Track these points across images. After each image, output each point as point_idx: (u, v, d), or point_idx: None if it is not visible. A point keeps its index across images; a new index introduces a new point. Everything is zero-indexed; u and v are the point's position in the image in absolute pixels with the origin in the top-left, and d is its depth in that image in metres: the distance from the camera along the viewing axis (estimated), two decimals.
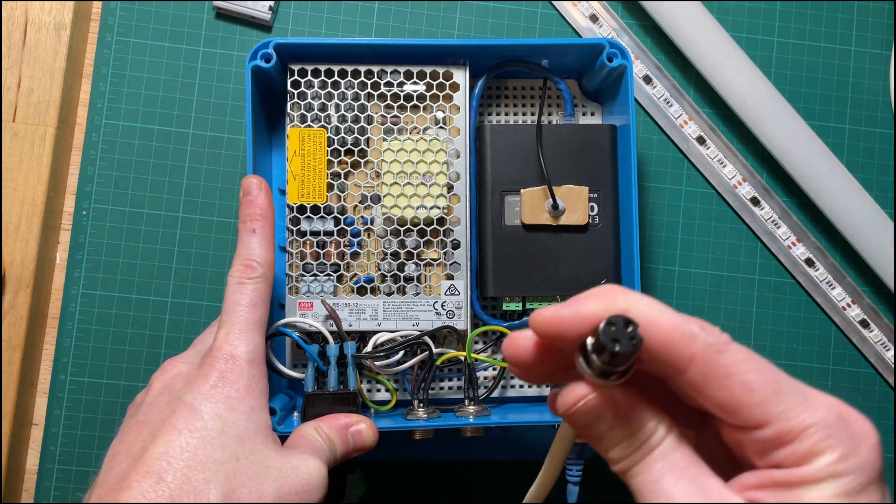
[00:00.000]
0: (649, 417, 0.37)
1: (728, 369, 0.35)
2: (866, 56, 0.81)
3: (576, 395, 0.37)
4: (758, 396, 0.35)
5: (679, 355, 0.36)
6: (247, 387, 0.55)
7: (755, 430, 0.36)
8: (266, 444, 0.54)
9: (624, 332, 0.34)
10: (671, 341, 0.35)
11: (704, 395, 0.36)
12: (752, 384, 0.35)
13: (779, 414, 0.35)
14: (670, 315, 0.36)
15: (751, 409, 0.35)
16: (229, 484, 0.51)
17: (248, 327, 0.57)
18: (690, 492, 0.35)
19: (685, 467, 0.36)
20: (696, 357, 0.35)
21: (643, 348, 0.35)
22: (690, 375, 0.36)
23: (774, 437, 0.35)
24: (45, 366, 0.75)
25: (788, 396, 0.35)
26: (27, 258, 0.72)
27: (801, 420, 0.35)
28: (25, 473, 0.74)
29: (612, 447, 0.38)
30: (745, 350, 0.36)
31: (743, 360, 0.36)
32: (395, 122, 0.68)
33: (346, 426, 0.61)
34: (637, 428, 0.37)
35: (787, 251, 0.79)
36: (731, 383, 0.35)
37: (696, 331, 0.36)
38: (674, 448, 0.37)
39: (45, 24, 0.73)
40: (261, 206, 0.62)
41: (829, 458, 0.34)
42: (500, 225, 0.68)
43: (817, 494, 0.34)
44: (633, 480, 0.37)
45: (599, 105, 0.73)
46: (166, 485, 0.49)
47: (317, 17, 0.77)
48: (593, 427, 0.38)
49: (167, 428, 0.52)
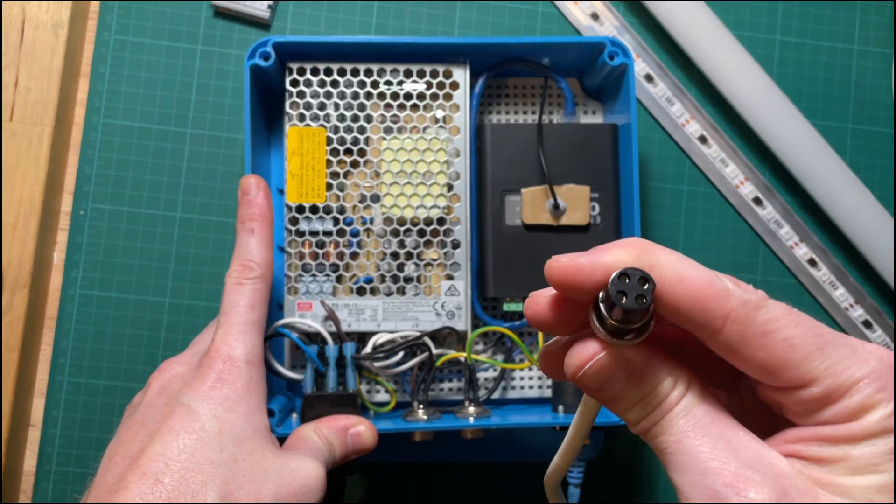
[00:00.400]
0: (665, 375, 0.35)
1: (767, 326, 0.33)
2: (869, 55, 0.81)
3: (583, 355, 0.35)
4: (801, 353, 0.33)
5: (713, 314, 0.33)
6: (245, 388, 0.55)
7: (800, 389, 0.33)
8: (264, 446, 0.54)
9: (635, 286, 0.32)
10: (703, 299, 0.33)
11: (742, 357, 0.34)
12: (794, 340, 0.33)
13: (826, 370, 0.32)
14: (703, 271, 0.34)
15: (794, 367, 0.33)
16: (227, 486, 0.50)
17: (247, 328, 0.57)
18: (718, 448, 0.33)
19: (710, 423, 0.34)
20: (733, 315, 0.33)
21: (670, 305, 0.33)
22: (726, 336, 0.33)
23: (822, 395, 0.33)
24: (43, 367, 0.75)
25: (835, 350, 0.33)
26: (24, 258, 0.71)
27: (851, 374, 0.32)
28: (23, 475, 0.74)
29: (629, 409, 0.35)
30: (784, 305, 0.34)
31: (782, 315, 0.33)
32: (395, 121, 0.67)
33: (345, 428, 0.60)
34: (653, 387, 0.35)
35: (789, 251, 0.79)
36: (771, 342, 0.33)
37: (730, 287, 0.33)
38: (695, 404, 0.34)
39: (42, 23, 0.73)
40: (259, 206, 0.61)
41: (882, 412, 0.32)
42: (500, 225, 0.67)
43: (869, 451, 0.32)
44: (655, 441, 0.35)
45: (600, 104, 0.73)
46: (163, 486, 0.49)
47: (316, 15, 0.77)
48: (606, 389, 0.35)
49: (164, 429, 0.52)
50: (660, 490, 0.77)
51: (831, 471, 0.32)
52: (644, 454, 0.77)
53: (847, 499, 0.32)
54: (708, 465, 0.32)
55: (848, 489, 0.32)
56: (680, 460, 0.33)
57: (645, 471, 0.77)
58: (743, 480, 0.32)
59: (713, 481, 0.32)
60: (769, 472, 0.32)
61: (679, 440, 0.34)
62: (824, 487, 0.32)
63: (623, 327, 0.33)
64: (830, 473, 0.32)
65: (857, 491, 0.32)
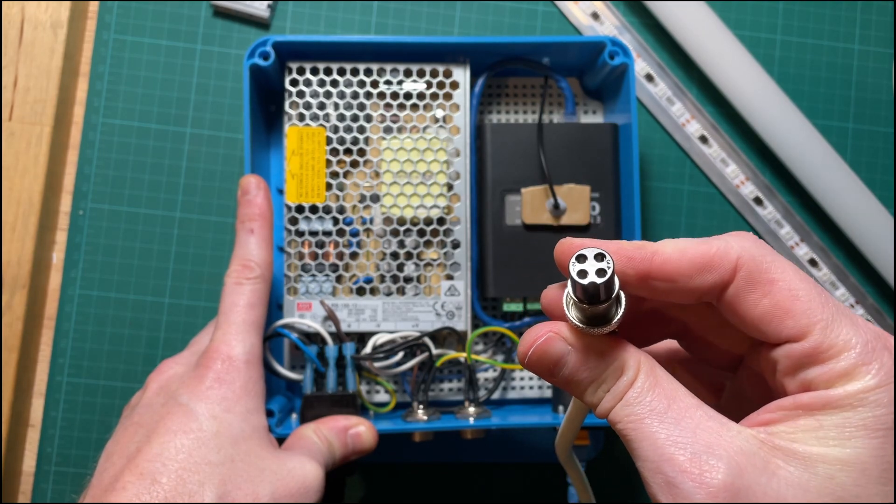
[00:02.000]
0: (616, 358, 0.35)
1: (774, 275, 0.34)
2: (870, 55, 0.81)
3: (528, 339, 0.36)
4: (804, 304, 0.33)
5: (722, 267, 0.34)
6: (243, 388, 0.55)
7: (794, 342, 0.34)
8: (262, 446, 0.54)
9: (593, 263, 0.33)
10: (708, 258, 0.34)
11: (747, 305, 0.34)
12: (799, 291, 0.34)
13: (822, 325, 0.33)
14: (701, 240, 0.35)
15: (796, 317, 0.33)
16: (224, 486, 0.50)
17: (246, 328, 0.57)
18: (675, 432, 0.33)
19: (667, 408, 0.34)
20: (740, 262, 0.34)
21: (681, 276, 0.35)
22: (736, 286, 0.34)
23: (812, 349, 0.33)
24: (42, 367, 0.74)
25: (836, 312, 0.33)
26: (23, 258, 0.71)
27: (845, 338, 0.33)
28: (22, 475, 0.74)
29: (584, 392, 0.36)
30: (791, 262, 0.35)
31: (789, 268, 0.34)
32: (395, 121, 0.67)
33: (345, 429, 0.60)
34: (602, 371, 0.35)
35: (790, 251, 0.78)
36: (776, 289, 0.34)
37: (730, 240, 0.35)
38: (650, 388, 0.34)
39: (41, 22, 0.73)
40: (259, 206, 0.61)
41: (865, 383, 0.32)
42: (500, 225, 0.67)
43: (842, 421, 0.32)
44: (616, 429, 0.35)
45: (601, 103, 0.73)
46: (160, 486, 0.49)
47: (315, 14, 0.77)
48: (555, 373, 0.36)
49: (162, 429, 0.52)
50: None
51: (800, 439, 0.32)
52: None
53: (809, 471, 0.31)
54: (664, 451, 0.32)
55: (812, 459, 0.32)
56: (639, 447, 0.33)
57: None
58: (698, 465, 0.32)
59: (668, 469, 0.32)
60: (726, 452, 0.32)
61: (636, 426, 0.34)
62: (787, 458, 0.32)
63: (591, 310, 0.34)
64: (798, 442, 0.32)
65: (820, 462, 0.32)
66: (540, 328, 0.36)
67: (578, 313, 0.35)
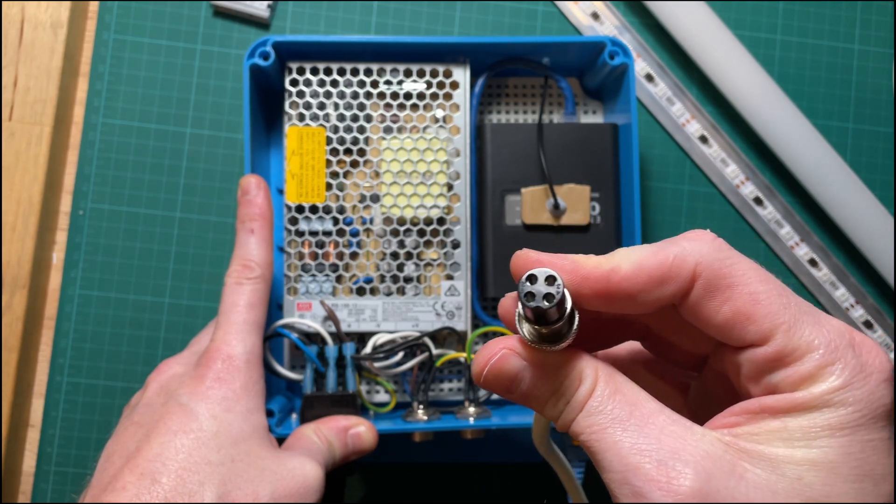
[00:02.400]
0: (572, 370, 0.34)
1: (733, 280, 0.33)
2: (870, 55, 0.81)
3: (483, 357, 0.35)
4: (764, 308, 0.33)
5: (681, 276, 0.34)
6: (243, 388, 0.55)
7: (757, 346, 0.33)
8: (262, 446, 0.54)
9: (542, 286, 0.32)
10: (665, 268, 0.34)
11: (709, 313, 0.34)
12: (760, 295, 0.33)
13: (785, 328, 0.33)
14: (657, 248, 0.34)
15: (757, 321, 0.33)
16: (224, 486, 0.50)
17: (246, 328, 0.57)
18: (639, 440, 0.32)
19: (629, 415, 0.33)
20: (699, 269, 0.34)
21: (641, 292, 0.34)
22: (695, 293, 0.34)
23: (776, 354, 0.33)
24: (42, 367, 0.74)
25: (798, 313, 0.33)
26: (23, 258, 0.71)
27: (807, 338, 0.32)
28: (22, 475, 0.74)
29: (543, 406, 0.35)
30: (753, 262, 0.34)
31: (750, 270, 0.34)
32: (395, 121, 0.67)
33: (345, 429, 0.60)
34: (559, 383, 0.34)
35: (790, 252, 0.78)
36: (736, 294, 0.33)
37: (685, 245, 0.34)
38: (609, 396, 0.34)
39: (41, 22, 0.73)
40: (259, 206, 0.61)
41: (829, 384, 0.32)
42: (500, 225, 0.67)
43: (807, 422, 0.32)
44: (579, 441, 0.34)
45: (601, 103, 0.73)
46: (160, 486, 0.49)
47: (315, 14, 0.77)
48: (513, 390, 0.35)
49: (162, 429, 0.52)
50: None
51: (766, 441, 0.32)
52: None
53: (776, 472, 0.31)
54: (629, 461, 0.32)
55: (778, 461, 0.31)
56: (604, 458, 0.33)
57: None
58: (665, 473, 0.31)
59: (635, 479, 0.31)
60: (692, 457, 0.31)
61: (599, 437, 0.33)
62: (754, 461, 0.32)
63: (543, 330, 0.34)
64: (764, 444, 0.32)
65: (788, 463, 0.31)
66: (494, 345, 0.35)
67: (531, 329, 0.34)
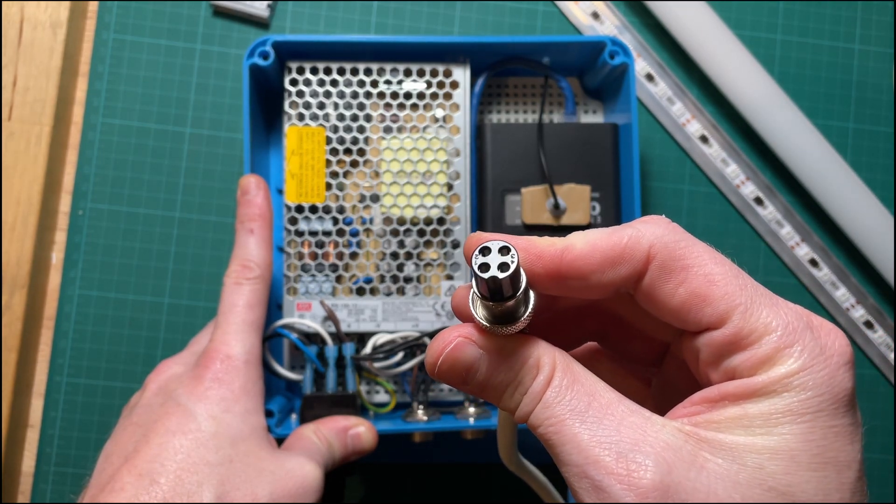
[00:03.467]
0: (530, 356, 0.34)
1: (688, 261, 0.33)
2: (870, 55, 0.81)
3: (436, 348, 0.34)
4: (721, 289, 0.32)
5: (634, 257, 0.33)
6: (242, 388, 0.55)
7: (714, 329, 0.33)
8: (260, 446, 0.54)
9: (496, 256, 0.31)
10: (619, 250, 0.33)
11: (664, 294, 0.33)
12: (715, 276, 0.33)
13: (741, 309, 0.32)
14: (614, 229, 0.34)
15: (713, 303, 0.32)
16: (223, 486, 0.51)
17: (245, 328, 0.57)
18: (598, 432, 0.31)
19: (587, 406, 0.32)
20: (652, 251, 0.33)
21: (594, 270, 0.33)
22: (650, 276, 0.33)
23: (732, 336, 0.32)
24: (41, 367, 0.74)
25: (755, 295, 0.33)
26: (23, 258, 0.71)
27: (766, 321, 0.32)
28: (21, 475, 0.74)
29: (500, 396, 0.34)
30: (708, 245, 0.34)
31: (703, 251, 0.33)
32: (395, 121, 0.67)
33: (344, 429, 0.60)
34: (518, 371, 0.34)
35: (790, 251, 0.78)
36: (691, 276, 0.33)
37: (640, 228, 0.34)
38: (568, 387, 0.33)
39: (41, 22, 0.73)
40: (259, 206, 0.61)
41: (787, 367, 0.31)
42: (500, 225, 0.67)
43: (767, 407, 0.31)
44: (537, 433, 0.33)
45: (601, 103, 0.73)
46: (159, 487, 0.49)
47: (315, 14, 0.77)
48: (469, 381, 0.34)
49: (160, 429, 0.52)
50: None
51: (726, 429, 0.31)
52: None
53: (737, 462, 0.30)
54: (589, 454, 0.31)
55: (739, 449, 0.31)
56: (562, 451, 0.32)
57: None
58: (625, 465, 0.30)
59: (594, 472, 0.31)
60: (653, 449, 0.31)
61: (557, 430, 0.32)
62: (715, 450, 0.31)
63: (497, 309, 0.33)
64: (724, 432, 0.31)
65: (748, 452, 0.31)
66: (447, 334, 0.34)
67: (485, 312, 0.33)
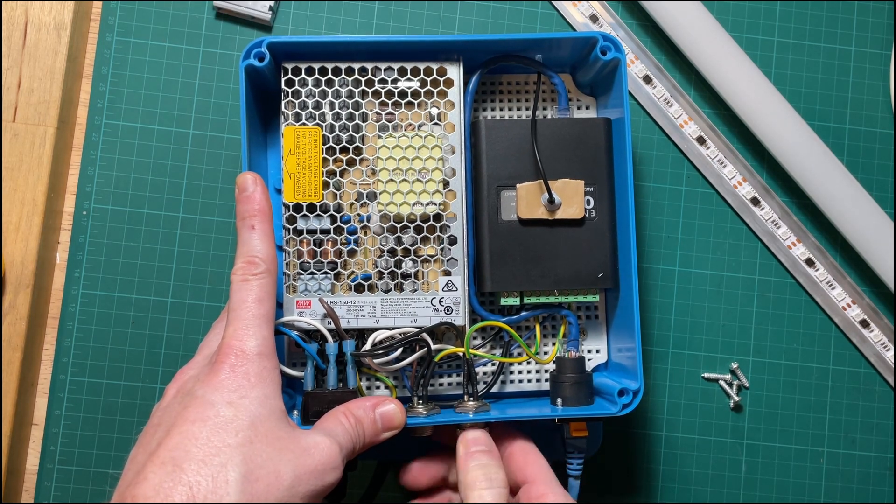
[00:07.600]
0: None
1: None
2: (866, 56, 0.81)
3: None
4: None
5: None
6: (258, 376, 0.55)
7: None
8: (279, 427, 0.54)
9: None
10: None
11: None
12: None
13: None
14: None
15: None
16: (246, 465, 0.51)
17: (256, 322, 0.57)
18: None
19: None
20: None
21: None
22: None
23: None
24: (46, 366, 0.75)
25: None
26: (27, 258, 0.72)
27: None
28: (25, 473, 0.74)
29: None
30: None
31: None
32: (390, 119, 0.68)
33: (373, 406, 0.61)
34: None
35: (787, 251, 0.79)
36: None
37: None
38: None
39: (45, 24, 0.74)
40: (258, 202, 0.62)
41: None
42: (496, 220, 0.67)
43: None
44: None
45: (594, 99, 0.73)
46: (183, 472, 0.49)
47: (317, 17, 0.78)
48: None
49: (180, 421, 0.52)
50: (658, 487, 0.77)
51: None
52: (643, 451, 0.77)
53: None
54: None
55: None
56: None
57: (644, 467, 0.77)
58: None
59: None
60: None
61: None
62: None
63: None
64: None
65: None
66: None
67: None
